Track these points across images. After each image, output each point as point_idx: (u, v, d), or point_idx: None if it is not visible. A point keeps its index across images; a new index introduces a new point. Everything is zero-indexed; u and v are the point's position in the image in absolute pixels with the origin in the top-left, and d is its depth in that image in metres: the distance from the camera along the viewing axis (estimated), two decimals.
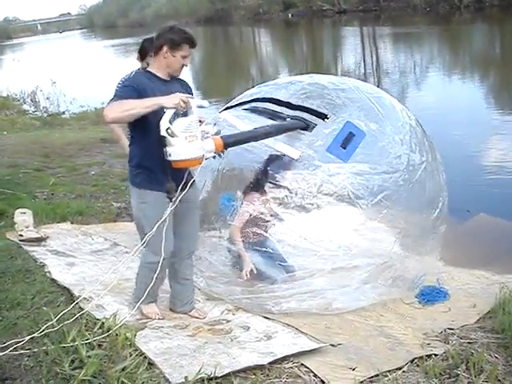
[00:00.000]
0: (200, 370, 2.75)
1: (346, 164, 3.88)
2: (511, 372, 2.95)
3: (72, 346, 2.89)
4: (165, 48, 3.21)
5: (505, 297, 3.75)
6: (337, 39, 32.07)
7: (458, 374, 2.90)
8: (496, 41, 24.09)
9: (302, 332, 3.40)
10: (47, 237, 4.95)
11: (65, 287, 3.82)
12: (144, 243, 3.33)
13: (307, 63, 24.34)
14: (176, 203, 3.28)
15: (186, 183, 3.32)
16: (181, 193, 3.29)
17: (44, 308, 3.45)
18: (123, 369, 2.75)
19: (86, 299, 3.61)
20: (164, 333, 3.36)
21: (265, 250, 4.03)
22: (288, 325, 3.49)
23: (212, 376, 2.74)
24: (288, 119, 4.09)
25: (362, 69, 20.30)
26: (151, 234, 3.25)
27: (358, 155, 3.90)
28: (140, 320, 3.52)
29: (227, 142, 3.41)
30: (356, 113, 4.05)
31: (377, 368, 2.97)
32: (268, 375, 2.88)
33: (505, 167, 7.75)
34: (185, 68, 3.35)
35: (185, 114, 3.07)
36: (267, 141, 3.98)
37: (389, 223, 4.07)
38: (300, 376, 2.89)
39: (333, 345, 3.26)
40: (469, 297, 4.09)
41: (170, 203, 3.28)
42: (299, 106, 4.11)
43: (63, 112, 15.04)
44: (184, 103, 3.01)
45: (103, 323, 3.21)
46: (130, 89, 3.16)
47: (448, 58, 20.87)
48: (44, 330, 3.03)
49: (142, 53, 4.37)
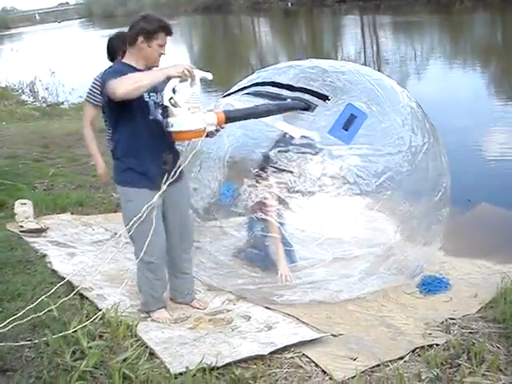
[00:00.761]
0: (201, 361, 2.74)
1: (349, 146, 3.84)
2: None
3: (73, 337, 2.89)
4: (140, 38, 3.07)
5: (506, 286, 3.74)
6: (337, 28, 31.96)
7: (460, 364, 2.89)
8: (497, 30, 23.99)
9: (303, 322, 3.39)
10: (47, 228, 4.95)
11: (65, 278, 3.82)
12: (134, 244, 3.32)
13: (307, 52, 24.17)
14: (164, 189, 3.18)
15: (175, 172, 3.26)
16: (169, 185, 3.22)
17: (45, 299, 3.45)
18: (124, 359, 2.75)
19: (87, 289, 3.61)
20: (165, 324, 3.37)
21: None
22: (289, 315, 3.48)
23: (213, 366, 2.74)
24: (289, 100, 4.02)
25: (363, 58, 20.19)
26: (139, 220, 3.13)
27: (361, 137, 3.86)
28: (141, 310, 3.52)
29: (229, 116, 3.34)
30: (357, 95, 4.00)
31: (378, 358, 2.96)
32: (269, 365, 2.87)
33: (506, 156, 7.73)
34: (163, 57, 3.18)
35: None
36: (269, 121, 3.92)
37: (391, 210, 4.04)
38: (301, 366, 2.89)
39: (334, 335, 3.25)
40: (470, 287, 4.08)
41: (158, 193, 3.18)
42: (300, 88, 4.05)
43: (62, 102, 15.00)
44: (188, 73, 2.95)
45: (104, 314, 3.21)
46: (118, 75, 2.97)
47: (449, 48, 20.79)
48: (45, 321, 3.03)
49: (111, 51, 4.10)
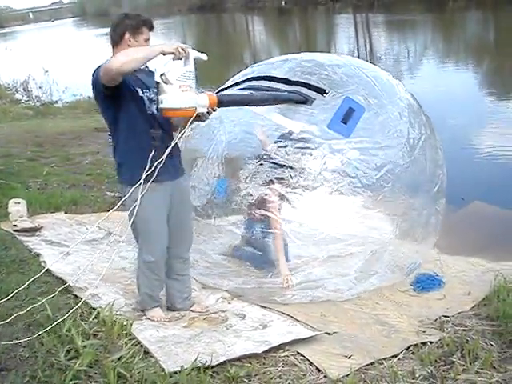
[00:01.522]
0: (196, 360, 2.74)
1: (348, 140, 3.84)
2: (506, 359, 2.97)
3: (67, 336, 2.88)
4: (127, 35, 3.14)
5: (499, 284, 3.77)
6: (330, 27, 31.95)
7: (454, 362, 2.91)
8: (489, 28, 24.07)
9: (298, 320, 3.40)
10: (41, 227, 4.93)
11: (59, 277, 3.81)
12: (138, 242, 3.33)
13: (300, 51, 24.12)
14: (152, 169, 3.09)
15: (176, 171, 3.31)
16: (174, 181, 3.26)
17: (39, 298, 3.43)
18: (119, 358, 2.75)
19: (81, 289, 3.60)
20: (160, 323, 3.36)
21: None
22: (283, 313, 3.48)
23: (207, 365, 2.74)
24: (285, 93, 3.98)
25: (356, 56, 20.20)
26: (147, 219, 3.19)
27: (359, 130, 3.87)
28: (135, 310, 3.52)
29: (221, 100, 3.31)
30: (354, 88, 4.00)
31: (372, 356, 2.97)
32: (264, 364, 2.88)
33: (499, 155, 7.76)
34: None
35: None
36: (265, 113, 3.91)
37: (392, 202, 4.00)
38: (296, 364, 2.90)
39: (328, 333, 3.26)
40: (464, 284, 4.10)
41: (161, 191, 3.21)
42: (297, 82, 4.03)
43: (56, 101, 14.92)
44: (182, 50, 2.92)
45: (98, 313, 3.20)
46: None
47: (442, 46, 20.83)
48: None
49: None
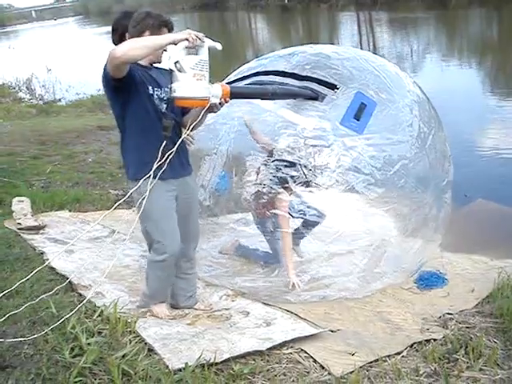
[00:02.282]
0: (200, 357, 2.74)
1: (361, 136, 3.75)
2: (510, 356, 2.96)
3: (72, 334, 2.89)
4: (147, 33, 3.07)
5: (503, 281, 3.77)
6: (333, 24, 31.87)
7: (457, 359, 2.91)
8: (493, 25, 23.97)
9: (301, 318, 3.40)
10: (45, 225, 4.94)
11: (63, 275, 3.82)
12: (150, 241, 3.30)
13: None
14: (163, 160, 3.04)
15: (183, 169, 3.29)
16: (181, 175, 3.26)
17: (43, 296, 3.44)
18: (123, 356, 2.75)
19: (86, 287, 3.61)
20: (164, 320, 3.37)
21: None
22: (287, 311, 3.49)
23: (212, 362, 2.74)
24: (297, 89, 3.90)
25: None
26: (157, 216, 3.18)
27: (371, 126, 3.78)
28: (140, 307, 3.52)
29: (234, 92, 3.26)
30: (365, 82, 3.92)
31: (376, 353, 2.97)
32: (268, 361, 2.88)
33: (502, 152, 7.74)
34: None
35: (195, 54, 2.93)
36: (282, 112, 3.86)
37: (405, 197, 3.95)
38: (299, 361, 2.90)
39: (332, 330, 3.27)
40: (467, 282, 4.10)
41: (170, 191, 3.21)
42: (306, 77, 3.93)
43: (59, 99, 14.93)
44: (196, 37, 2.87)
45: (102, 311, 3.21)
46: None
47: (445, 43, 20.78)
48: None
49: (119, 31, 3.43)
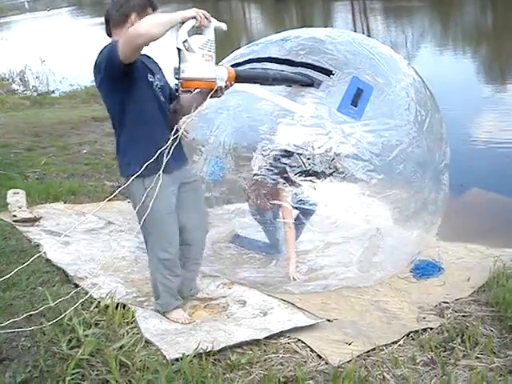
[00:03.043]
0: (198, 347, 2.75)
1: (359, 122, 3.66)
2: (506, 344, 2.98)
3: (69, 326, 2.88)
4: (133, 15, 2.93)
5: (499, 270, 3.79)
6: (328, 14, 31.74)
7: (454, 347, 2.93)
8: (487, 15, 23.95)
9: (298, 308, 3.41)
10: (40, 217, 4.93)
11: (59, 267, 3.82)
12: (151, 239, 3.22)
13: None
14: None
15: (182, 161, 3.22)
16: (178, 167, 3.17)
17: (39, 288, 3.45)
18: (121, 347, 2.76)
19: (82, 278, 3.61)
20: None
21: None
22: (284, 301, 3.49)
23: (209, 351, 2.75)
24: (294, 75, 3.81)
25: None
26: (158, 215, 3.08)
27: (368, 112, 3.70)
28: (136, 298, 3.53)
29: (239, 75, 3.20)
30: (360, 67, 3.82)
31: (373, 342, 2.98)
32: (265, 351, 2.89)
33: (497, 142, 7.75)
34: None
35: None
36: (278, 101, 3.79)
37: (405, 181, 3.89)
38: (297, 351, 2.91)
39: (329, 320, 3.28)
40: (463, 270, 4.11)
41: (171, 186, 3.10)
42: (301, 63, 3.84)
43: (53, 91, 14.83)
44: (204, 17, 2.80)
45: (99, 302, 3.21)
46: None
47: (440, 32, 20.73)
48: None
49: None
